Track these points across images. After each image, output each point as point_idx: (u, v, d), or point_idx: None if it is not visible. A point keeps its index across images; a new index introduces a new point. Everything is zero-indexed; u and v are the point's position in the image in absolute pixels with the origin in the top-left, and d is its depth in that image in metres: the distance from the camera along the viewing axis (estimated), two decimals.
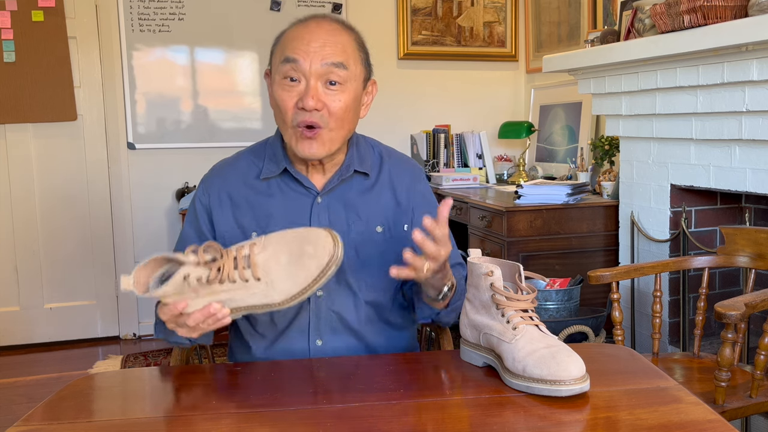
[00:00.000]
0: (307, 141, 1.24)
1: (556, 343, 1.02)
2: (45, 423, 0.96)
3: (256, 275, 1.04)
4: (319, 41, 1.23)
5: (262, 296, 1.05)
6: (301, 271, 1.03)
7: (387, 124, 4.01)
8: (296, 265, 1.03)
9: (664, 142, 2.50)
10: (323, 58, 1.23)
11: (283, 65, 1.24)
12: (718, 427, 0.89)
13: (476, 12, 4.15)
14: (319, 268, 1.03)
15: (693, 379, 1.85)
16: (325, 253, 1.03)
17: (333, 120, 1.25)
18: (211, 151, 3.74)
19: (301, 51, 1.23)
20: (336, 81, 1.24)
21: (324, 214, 1.32)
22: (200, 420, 0.96)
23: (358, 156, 1.36)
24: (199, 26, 3.74)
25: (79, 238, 3.72)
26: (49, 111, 3.56)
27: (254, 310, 1.07)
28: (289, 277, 1.03)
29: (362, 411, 0.96)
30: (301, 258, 1.03)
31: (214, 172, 1.39)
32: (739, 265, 1.99)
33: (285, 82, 1.25)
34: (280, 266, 1.03)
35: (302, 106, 1.22)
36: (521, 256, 2.74)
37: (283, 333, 1.31)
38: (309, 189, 1.33)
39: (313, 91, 1.22)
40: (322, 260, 1.03)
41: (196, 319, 1.07)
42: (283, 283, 1.04)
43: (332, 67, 1.23)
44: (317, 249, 1.03)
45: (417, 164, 1.46)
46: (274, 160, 1.34)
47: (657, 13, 2.21)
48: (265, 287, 1.04)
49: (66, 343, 3.72)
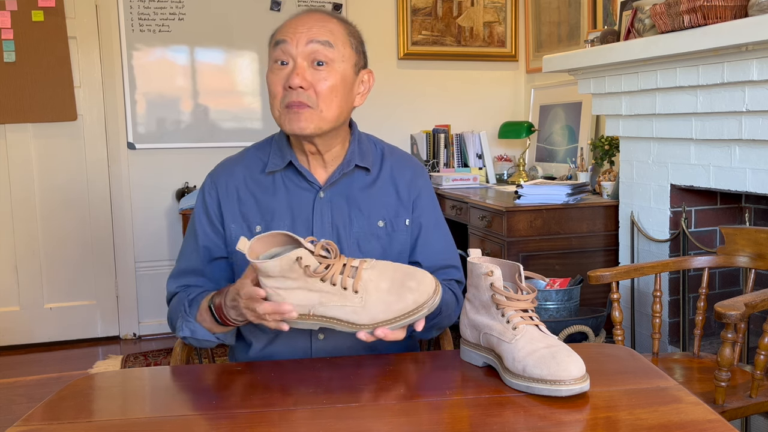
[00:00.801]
0: (295, 115, 1.25)
1: (556, 343, 1.02)
2: (45, 423, 0.96)
3: (356, 288, 1.04)
4: (306, 25, 1.27)
5: (351, 312, 1.05)
6: (398, 301, 1.04)
7: (387, 124, 4.01)
8: (395, 294, 1.04)
9: (664, 142, 2.50)
10: (309, 38, 1.25)
11: (274, 50, 1.27)
12: (718, 427, 0.89)
13: (476, 12, 4.15)
14: (415, 303, 1.04)
15: (693, 379, 1.85)
16: (425, 293, 1.04)
17: (321, 100, 1.26)
18: (211, 151, 3.74)
19: (289, 33, 1.26)
20: (323, 61, 1.25)
21: (326, 209, 1.33)
22: (200, 420, 0.96)
23: (359, 151, 1.37)
24: (199, 26, 3.74)
25: (79, 238, 3.72)
26: (49, 111, 3.56)
27: (334, 324, 1.07)
28: (383, 303, 1.04)
29: (362, 411, 0.96)
30: (401, 289, 1.04)
31: (220, 168, 1.41)
32: (739, 265, 1.99)
33: (275, 66, 1.27)
34: (380, 290, 1.04)
35: (289, 86, 1.24)
36: (521, 256, 2.74)
37: (281, 334, 1.31)
38: (312, 183, 1.34)
39: (300, 69, 1.24)
40: (420, 298, 1.04)
41: (265, 309, 1.07)
42: (375, 307, 1.04)
43: (318, 45, 1.25)
44: (420, 287, 1.04)
45: (418, 161, 1.47)
46: (279, 154, 1.36)
47: (657, 13, 2.21)
48: (358, 303, 1.05)
49: (66, 343, 3.72)
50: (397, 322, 1.05)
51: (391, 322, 1.05)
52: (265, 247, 1.09)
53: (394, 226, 1.36)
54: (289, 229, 1.32)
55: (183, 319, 1.28)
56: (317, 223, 1.32)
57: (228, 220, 1.35)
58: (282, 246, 1.10)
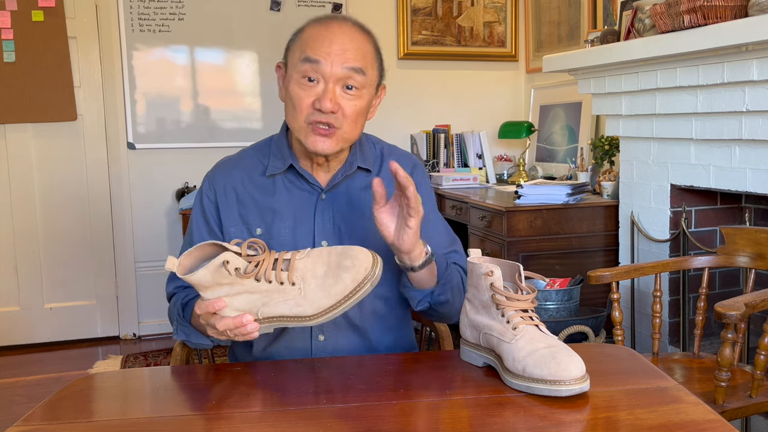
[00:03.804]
0: (321, 137, 1.26)
1: (556, 343, 1.02)
2: (45, 423, 0.96)
3: (291, 279, 1.03)
4: (340, 44, 1.25)
5: (294, 305, 1.04)
6: (336, 284, 1.02)
7: (387, 124, 4.00)
8: (332, 278, 1.02)
9: (664, 142, 2.50)
10: (344, 62, 1.24)
11: (303, 64, 1.25)
12: (718, 427, 0.89)
13: (476, 12, 4.15)
14: (354, 282, 1.02)
15: (693, 379, 1.85)
16: (362, 268, 1.02)
17: (346, 122, 1.27)
18: (211, 151, 3.74)
19: (322, 53, 1.24)
20: (353, 86, 1.26)
21: (328, 211, 1.33)
22: (200, 420, 0.96)
23: (361, 153, 1.38)
24: (199, 26, 3.74)
25: (79, 238, 3.72)
26: (49, 111, 3.56)
27: (285, 322, 1.06)
28: (322, 289, 1.02)
29: (362, 411, 0.96)
30: (337, 270, 1.03)
31: (218, 169, 1.40)
32: (739, 265, 1.99)
33: (303, 81, 1.26)
34: (317, 277, 1.03)
35: (319, 107, 1.24)
36: (521, 256, 2.74)
37: (285, 329, 1.32)
38: (313, 186, 1.34)
39: (331, 94, 1.24)
40: (358, 275, 1.02)
41: (225, 325, 1.08)
42: (315, 294, 1.03)
43: (351, 72, 1.25)
44: (355, 263, 1.03)
45: (417, 159, 1.48)
46: (279, 157, 1.36)
47: (657, 13, 2.21)
48: (298, 294, 1.03)
49: (66, 343, 3.72)
50: (343, 305, 1.03)
51: (336, 307, 1.03)
52: (196, 262, 1.08)
53: None
54: (290, 231, 1.32)
55: (178, 322, 1.28)
56: (319, 225, 1.32)
57: (227, 223, 1.35)
58: (213, 257, 1.08)
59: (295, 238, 1.31)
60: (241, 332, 1.08)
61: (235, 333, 1.09)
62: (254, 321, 1.07)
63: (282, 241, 1.31)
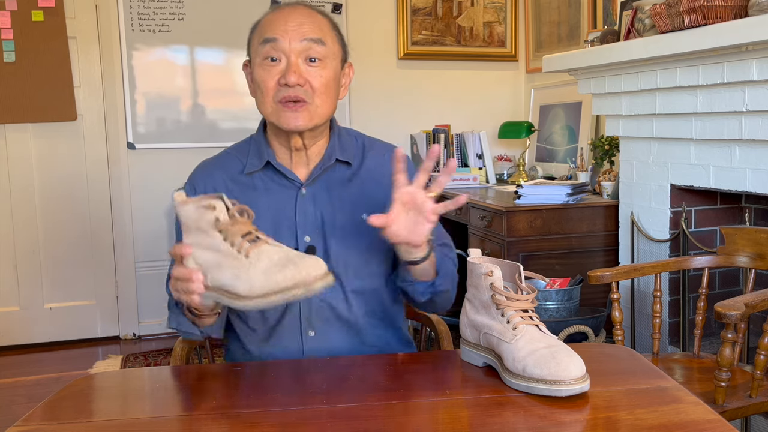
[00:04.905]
0: (292, 113, 1.26)
1: (556, 343, 1.02)
2: (45, 423, 0.96)
3: (248, 253, 1.03)
4: (295, 21, 1.27)
5: (234, 277, 1.03)
6: (278, 274, 1.01)
7: (387, 124, 4.00)
8: (279, 266, 1.01)
9: (664, 142, 2.50)
10: (302, 35, 1.26)
11: (263, 46, 1.27)
12: (718, 427, 0.89)
13: (476, 12, 4.15)
14: (290, 280, 1.00)
15: (693, 379, 1.85)
16: (304, 272, 1.00)
17: (317, 96, 1.27)
18: (211, 151, 3.67)
19: (279, 30, 1.26)
20: (316, 57, 1.27)
21: (309, 205, 1.33)
22: (200, 420, 0.96)
23: (339, 145, 1.37)
24: (199, 26, 3.74)
25: (78, 238, 3.72)
26: (49, 111, 3.56)
27: (223, 296, 1.05)
28: (265, 273, 1.01)
29: (362, 411, 0.96)
30: (287, 263, 1.02)
31: (199, 171, 1.42)
32: (739, 265, 1.99)
33: (265, 63, 1.27)
34: (270, 261, 1.02)
35: (284, 82, 1.25)
36: (521, 256, 2.74)
37: (276, 327, 1.32)
38: (293, 181, 1.34)
39: (295, 66, 1.25)
40: (297, 276, 1.00)
41: (179, 272, 1.07)
42: (256, 275, 1.02)
43: (311, 43, 1.26)
44: (302, 266, 1.01)
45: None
46: (257, 155, 1.36)
47: (657, 13, 2.21)
48: (244, 267, 1.02)
49: (66, 343, 3.72)
50: (270, 298, 1.01)
51: (264, 297, 1.01)
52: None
53: None
54: (273, 228, 1.31)
55: (171, 310, 1.28)
56: (300, 219, 1.32)
57: None
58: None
59: (278, 234, 1.31)
60: (186, 287, 1.06)
61: (182, 287, 1.07)
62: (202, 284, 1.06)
63: None
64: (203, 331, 1.25)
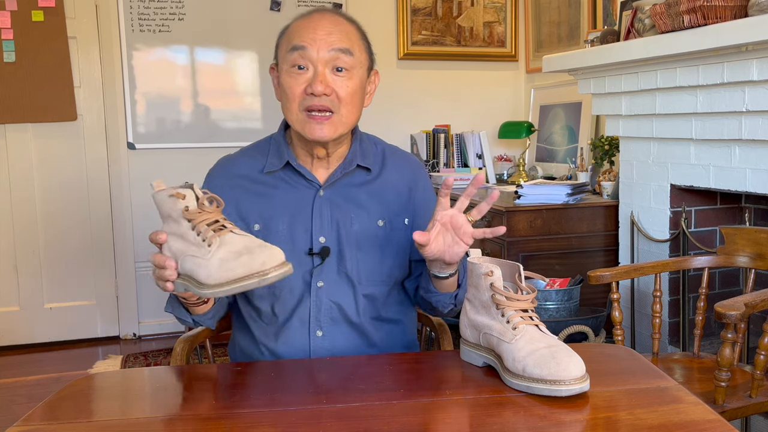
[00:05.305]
0: (317, 124, 1.27)
1: (556, 343, 1.02)
2: (45, 423, 0.96)
3: (211, 241, 1.03)
4: (324, 29, 1.27)
5: (196, 265, 1.03)
6: (233, 262, 1.01)
7: (387, 124, 4.00)
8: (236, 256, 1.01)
9: (664, 142, 2.50)
10: (330, 45, 1.26)
11: (291, 54, 1.27)
12: (718, 427, 0.89)
13: (476, 12, 4.15)
14: (247, 269, 1.00)
15: (693, 379, 1.85)
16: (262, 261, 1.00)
17: (342, 105, 1.28)
18: (211, 151, 3.73)
19: (308, 39, 1.26)
20: (343, 67, 1.27)
21: (326, 207, 1.34)
22: (200, 420, 0.96)
23: (361, 151, 1.38)
24: (199, 26, 3.74)
25: (78, 238, 3.72)
26: (49, 111, 3.56)
27: (189, 283, 1.05)
28: (224, 262, 1.01)
29: (362, 411, 0.96)
30: (245, 253, 1.01)
31: (219, 167, 1.42)
32: (739, 265, 1.99)
33: (293, 71, 1.28)
34: (231, 251, 1.02)
35: (311, 92, 1.25)
36: (521, 256, 2.74)
37: (285, 324, 1.32)
38: (311, 182, 1.35)
39: (322, 76, 1.26)
40: (253, 264, 0.99)
41: (156, 258, 1.07)
42: (216, 264, 1.02)
43: (339, 53, 1.27)
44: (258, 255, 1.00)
45: (418, 161, 1.49)
46: (277, 155, 1.37)
47: (657, 13, 2.21)
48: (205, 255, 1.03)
49: (66, 343, 3.72)
50: (224, 288, 1.00)
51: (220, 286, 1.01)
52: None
53: (393, 225, 1.37)
54: (288, 227, 1.32)
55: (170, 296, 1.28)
56: (316, 221, 1.33)
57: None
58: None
59: (293, 234, 1.32)
60: (161, 274, 1.07)
61: (158, 274, 1.08)
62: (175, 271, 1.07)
63: (280, 237, 1.31)
64: (195, 319, 1.27)
